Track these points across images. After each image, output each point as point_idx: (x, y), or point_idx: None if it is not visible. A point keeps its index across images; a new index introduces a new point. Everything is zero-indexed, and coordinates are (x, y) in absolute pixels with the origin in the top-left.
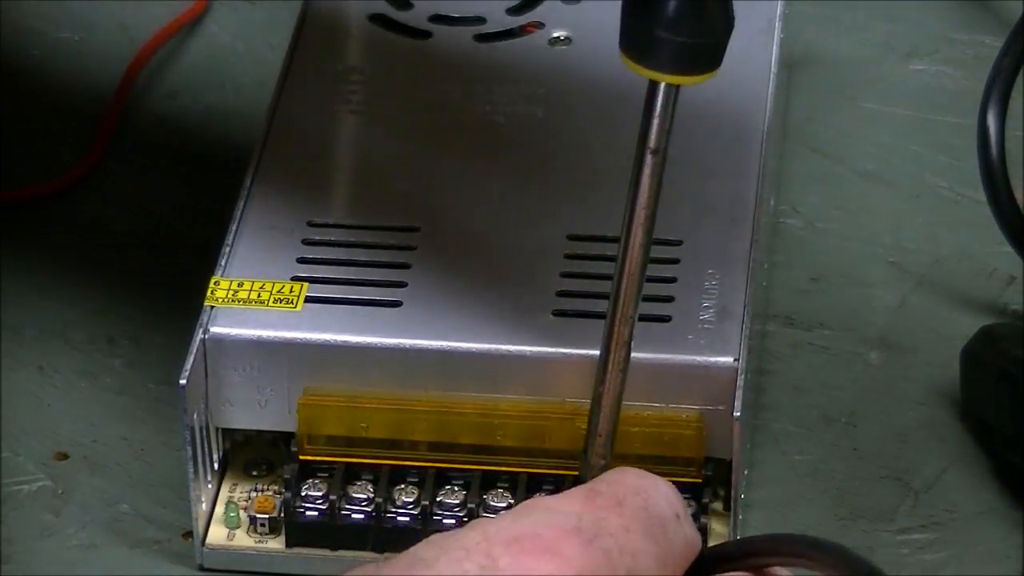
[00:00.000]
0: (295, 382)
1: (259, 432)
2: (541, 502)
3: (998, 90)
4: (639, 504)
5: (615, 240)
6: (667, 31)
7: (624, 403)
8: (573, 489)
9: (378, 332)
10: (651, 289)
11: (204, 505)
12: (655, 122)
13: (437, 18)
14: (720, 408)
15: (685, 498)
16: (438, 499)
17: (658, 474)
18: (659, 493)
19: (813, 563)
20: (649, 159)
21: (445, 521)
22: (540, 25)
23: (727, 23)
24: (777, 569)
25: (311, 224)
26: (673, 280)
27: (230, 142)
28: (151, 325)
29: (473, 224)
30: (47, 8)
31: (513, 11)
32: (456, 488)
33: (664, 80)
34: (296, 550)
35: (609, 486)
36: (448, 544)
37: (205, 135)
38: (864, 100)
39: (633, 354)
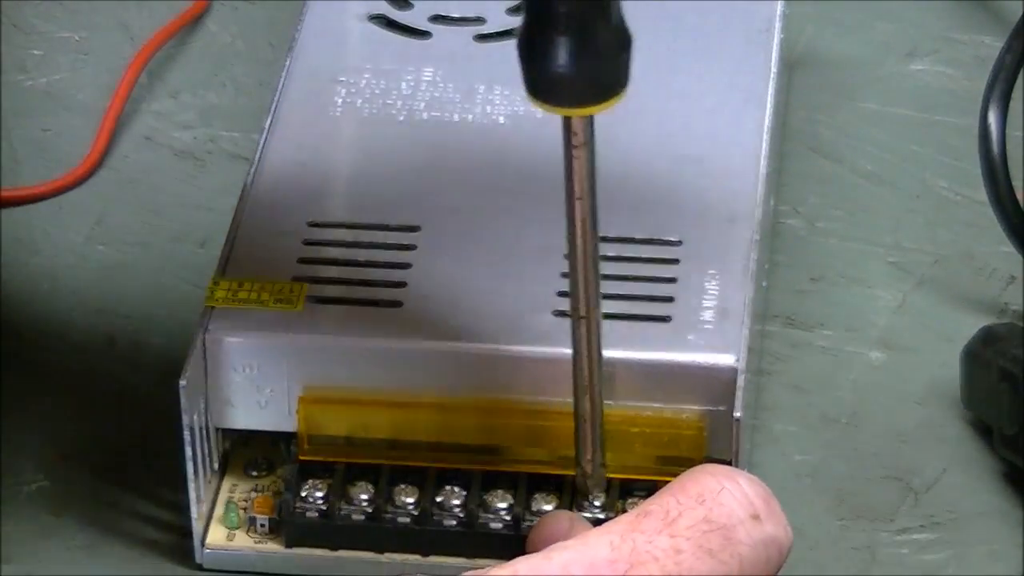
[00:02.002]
0: (295, 382)
1: (259, 432)
2: (582, 536)
3: (999, 88)
4: (699, 516)
5: (615, 240)
6: (563, 68)
7: (624, 403)
8: (627, 513)
9: (378, 332)
10: (651, 289)
11: (204, 505)
12: (575, 154)
13: (437, 18)
14: (720, 408)
15: None
16: (438, 499)
17: (658, 474)
18: (731, 495)
19: None
20: (578, 190)
21: (445, 521)
22: None
23: (621, 45)
24: None
25: (311, 224)
26: (673, 280)
27: (230, 141)
28: (151, 325)
29: (473, 224)
30: (48, 7)
31: (513, 11)
32: (456, 488)
33: (575, 114)
34: (296, 550)
35: (665, 501)
36: None
37: (205, 135)
38: (864, 100)
39: (633, 354)
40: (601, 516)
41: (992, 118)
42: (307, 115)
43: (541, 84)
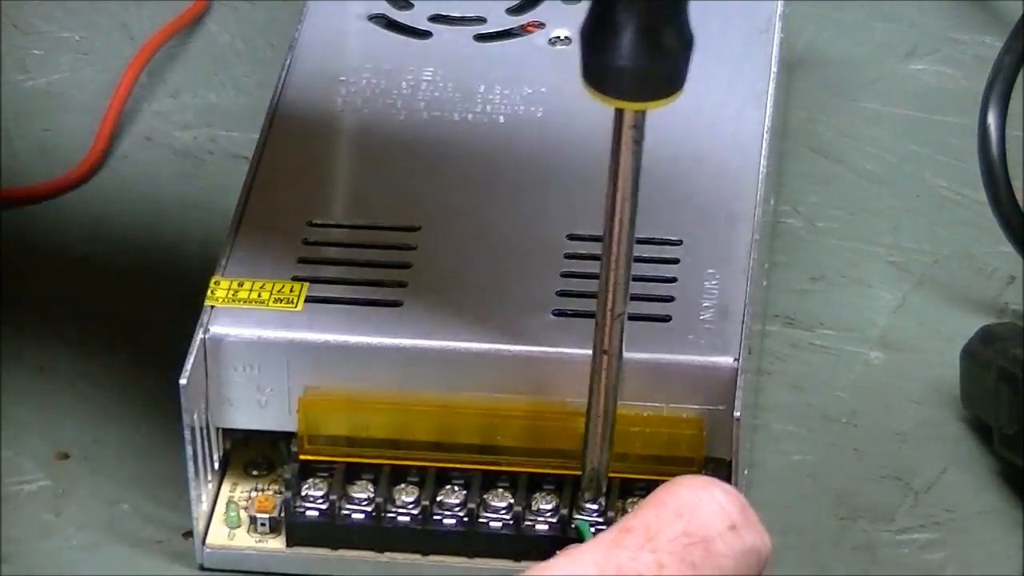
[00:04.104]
0: (295, 382)
1: (259, 432)
2: (565, 555)
3: (999, 89)
4: (678, 529)
5: None
6: (626, 60)
7: (624, 403)
8: (608, 530)
9: (378, 332)
10: (651, 289)
11: (204, 505)
12: (625, 149)
13: (437, 18)
14: (720, 408)
15: None
16: (438, 499)
17: (658, 474)
18: (709, 507)
19: None
20: (622, 184)
21: (445, 521)
22: (540, 25)
23: (685, 45)
24: None
25: (311, 224)
26: (673, 280)
27: (230, 142)
28: (151, 325)
29: (473, 224)
30: (48, 7)
31: (513, 11)
32: (456, 488)
33: (629, 107)
34: (296, 550)
35: (645, 516)
36: None
37: (205, 135)
38: (864, 100)
39: (633, 354)
40: (600, 519)
41: (991, 119)
42: (307, 115)
43: (600, 74)
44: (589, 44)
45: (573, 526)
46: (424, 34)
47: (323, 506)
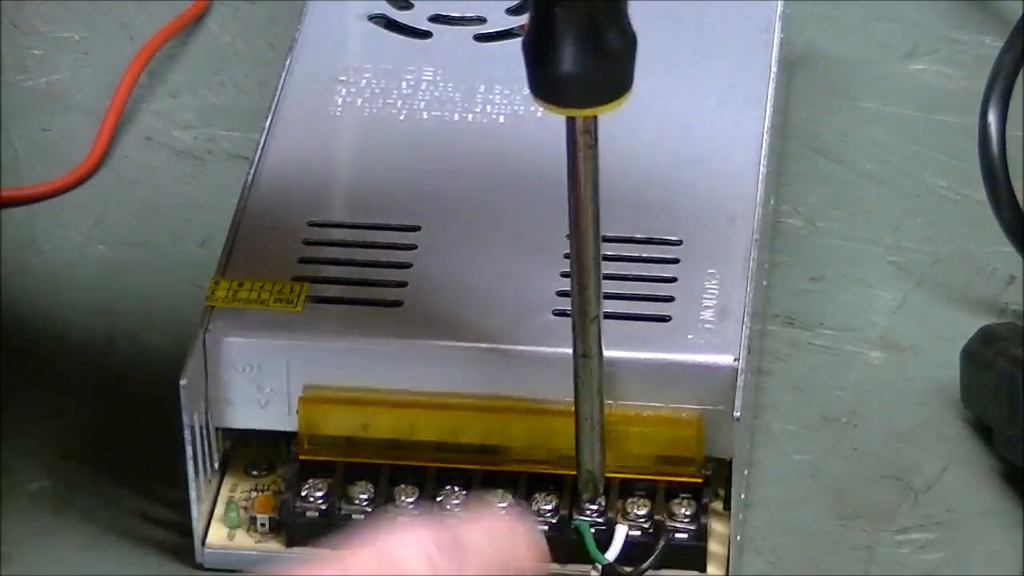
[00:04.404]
0: (295, 382)
1: (259, 432)
2: None
3: (999, 89)
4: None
5: (615, 240)
6: (569, 68)
7: (624, 403)
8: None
9: (379, 332)
10: (651, 289)
11: (204, 505)
12: (581, 155)
13: (437, 18)
14: (720, 408)
15: (685, 498)
16: (438, 499)
17: (657, 474)
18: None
19: None
20: (581, 190)
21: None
22: None
23: (627, 46)
24: None
25: (312, 224)
26: (673, 280)
27: (230, 142)
28: (151, 325)
29: (473, 224)
30: (48, 7)
31: (513, 11)
32: (456, 488)
33: (580, 115)
34: (296, 550)
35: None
36: None
37: (205, 135)
38: (864, 100)
39: (633, 354)
40: (600, 520)
41: (992, 118)
42: (307, 115)
43: (547, 85)
44: (532, 55)
45: (573, 527)
46: (424, 34)
47: (323, 506)
